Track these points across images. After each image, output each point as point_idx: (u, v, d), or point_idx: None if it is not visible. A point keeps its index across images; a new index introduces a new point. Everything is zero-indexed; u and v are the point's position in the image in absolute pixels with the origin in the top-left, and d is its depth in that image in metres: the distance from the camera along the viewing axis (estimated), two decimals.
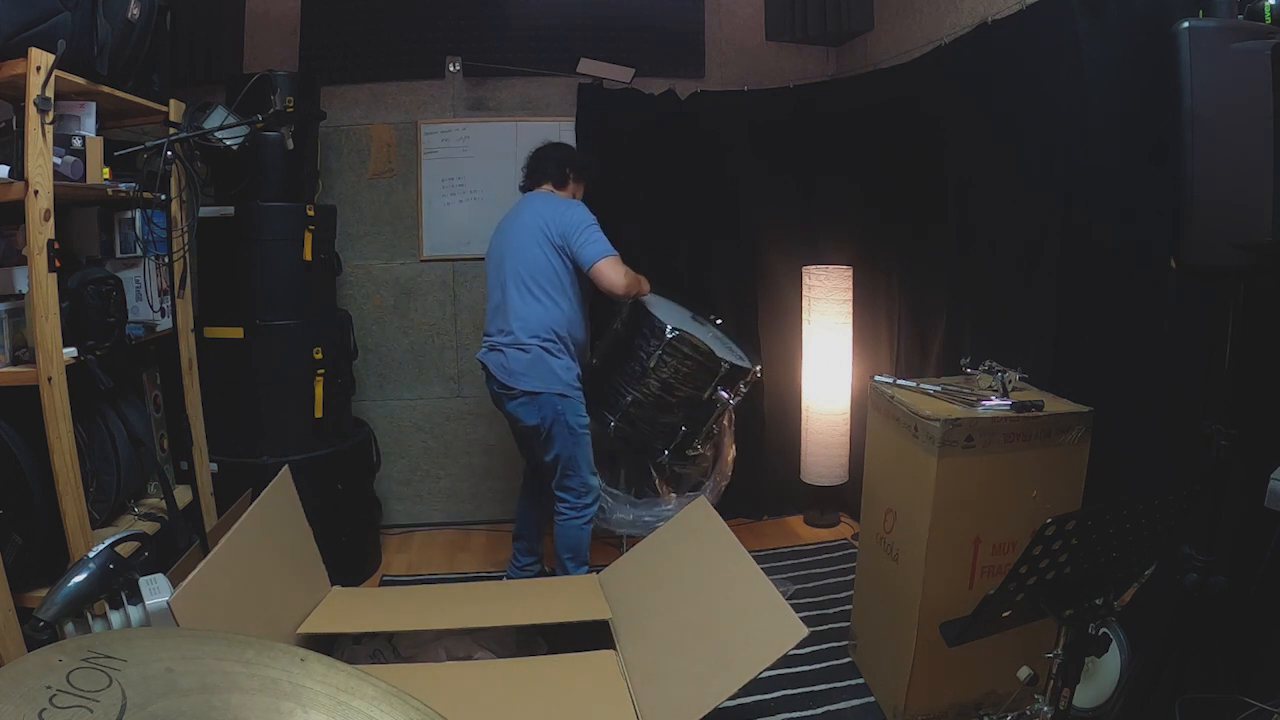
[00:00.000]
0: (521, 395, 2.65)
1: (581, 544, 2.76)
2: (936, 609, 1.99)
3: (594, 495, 2.77)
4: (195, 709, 0.72)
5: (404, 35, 3.40)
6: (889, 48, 3.24)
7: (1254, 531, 1.60)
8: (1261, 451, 1.54)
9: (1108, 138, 2.07)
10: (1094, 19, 2.09)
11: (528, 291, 2.65)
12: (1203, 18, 1.42)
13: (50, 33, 1.89)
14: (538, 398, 2.63)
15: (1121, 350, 2.08)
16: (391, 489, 3.66)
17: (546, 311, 2.64)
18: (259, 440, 2.88)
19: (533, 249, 2.65)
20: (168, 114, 2.48)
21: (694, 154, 3.50)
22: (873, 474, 2.40)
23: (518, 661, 2.24)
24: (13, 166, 1.87)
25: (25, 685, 0.66)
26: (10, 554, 1.94)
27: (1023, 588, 1.42)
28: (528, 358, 2.63)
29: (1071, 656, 1.51)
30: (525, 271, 2.66)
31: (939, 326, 2.87)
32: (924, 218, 2.94)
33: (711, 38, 3.62)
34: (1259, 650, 1.66)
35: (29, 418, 1.94)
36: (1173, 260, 1.47)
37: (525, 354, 2.63)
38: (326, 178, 3.43)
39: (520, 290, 2.66)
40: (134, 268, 2.41)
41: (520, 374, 2.64)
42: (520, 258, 2.67)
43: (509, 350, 2.65)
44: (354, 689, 0.82)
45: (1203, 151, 1.37)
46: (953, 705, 2.16)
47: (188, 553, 2.30)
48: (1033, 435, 2.03)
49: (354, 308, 3.46)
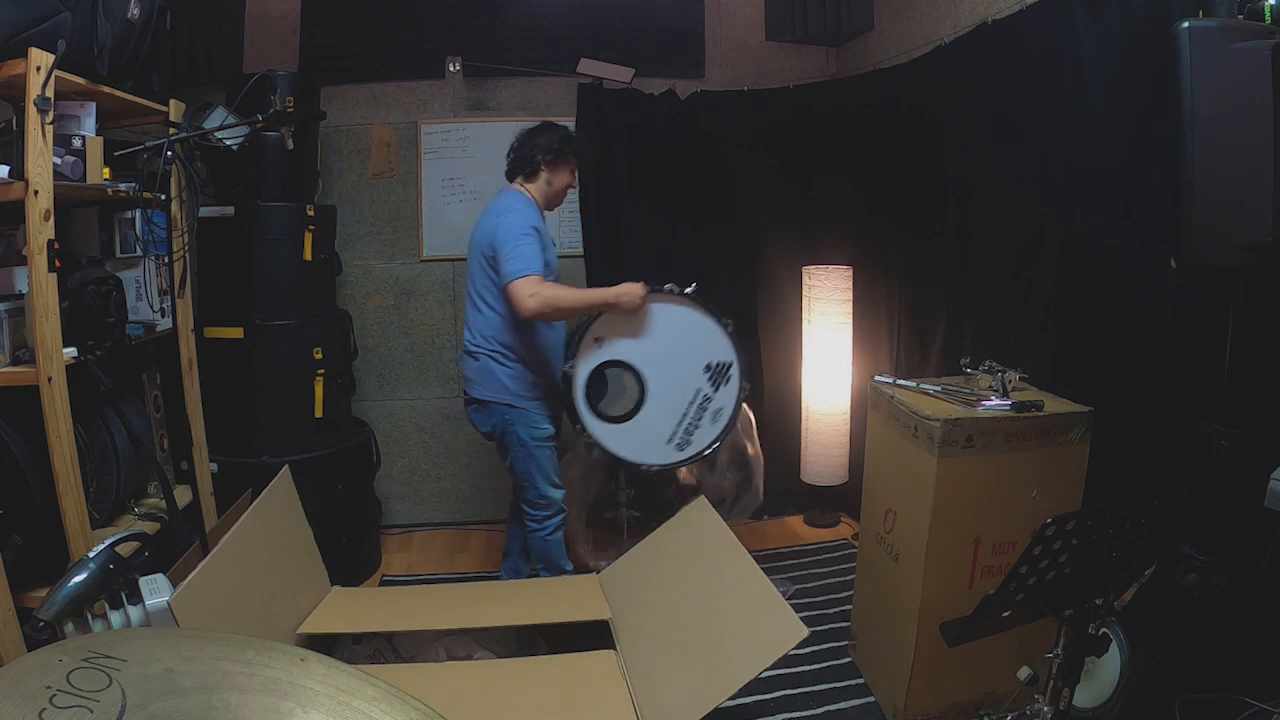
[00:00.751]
0: (474, 402, 2.62)
1: (550, 555, 2.68)
2: (936, 609, 2.00)
3: (554, 508, 2.63)
4: (195, 709, 0.72)
5: (404, 35, 3.40)
6: (889, 48, 3.24)
7: (1254, 531, 1.60)
8: (1261, 451, 1.54)
9: (1108, 138, 2.07)
10: (1094, 19, 2.09)
11: (475, 298, 2.60)
12: (1203, 18, 1.42)
13: (50, 33, 1.89)
14: (487, 406, 2.59)
15: (1121, 350, 2.08)
16: (391, 489, 3.66)
17: (488, 320, 2.55)
18: (259, 440, 2.88)
19: (475, 256, 2.58)
20: (168, 114, 2.48)
21: (694, 154, 3.50)
22: (873, 474, 2.40)
23: (518, 661, 2.24)
24: (13, 166, 1.88)
25: (25, 685, 0.66)
26: (10, 554, 1.94)
27: (1023, 588, 1.42)
28: (476, 365, 2.58)
29: (1071, 656, 1.51)
30: (471, 278, 2.62)
31: (939, 326, 2.87)
32: (924, 218, 2.94)
33: (711, 38, 3.62)
34: (1259, 650, 1.66)
35: (29, 418, 1.94)
36: (1173, 260, 1.47)
37: (475, 361, 2.59)
38: (326, 178, 3.43)
39: (470, 297, 2.62)
40: (134, 268, 2.41)
41: (471, 381, 2.62)
42: (470, 264, 2.62)
43: (465, 357, 2.64)
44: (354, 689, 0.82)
45: (1203, 152, 1.37)
46: (953, 705, 2.16)
47: (188, 553, 2.29)
48: (1033, 435, 2.03)
49: (354, 308, 3.46)
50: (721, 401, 2.65)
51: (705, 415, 2.65)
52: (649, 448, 2.65)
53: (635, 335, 2.61)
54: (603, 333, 2.59)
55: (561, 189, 2.65)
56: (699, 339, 2.65)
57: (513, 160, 2.66)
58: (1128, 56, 2.00)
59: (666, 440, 2.65)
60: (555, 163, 2.61)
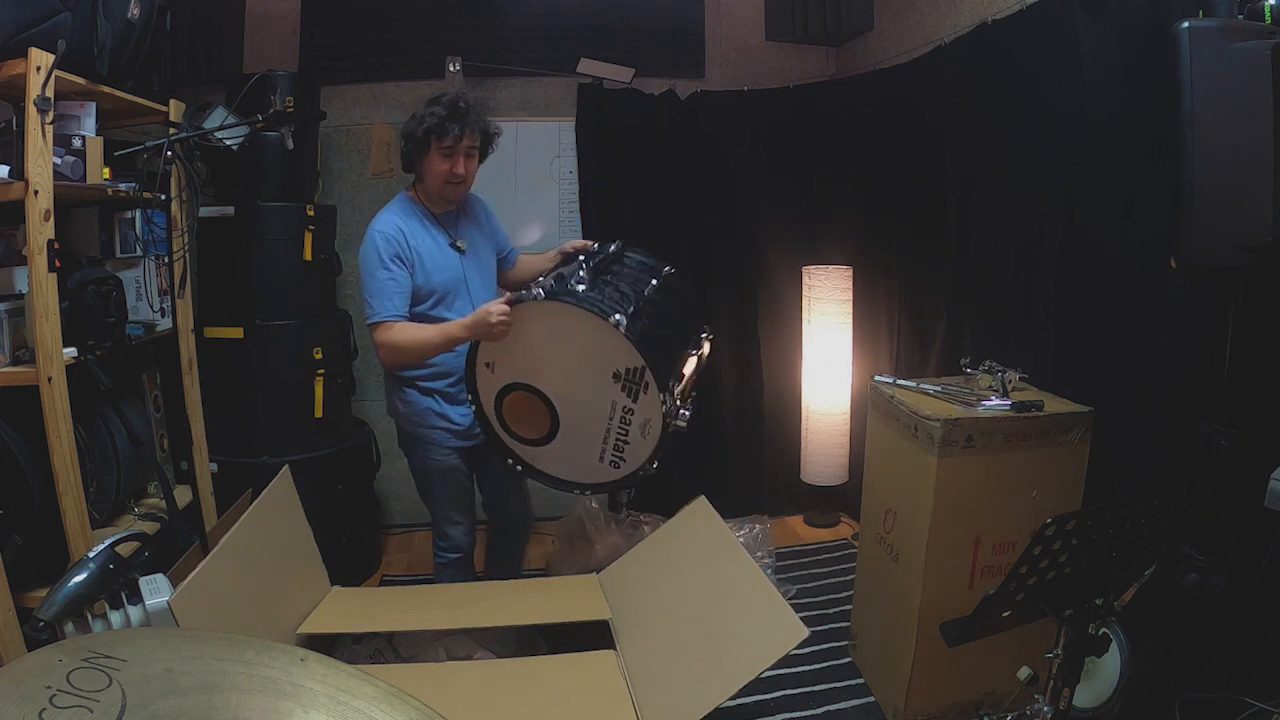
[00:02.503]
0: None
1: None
2: (936, 609, 1.99)
3: (450, 543, 2.42)
4: (195, 709, 0.72)
5: (404, 35, 3.40)
6: (889, 48, 3.24)
7: (1254, 531, 1.60)
8: (1261, 451, 1.54)
9: (1108, 137, 2.07)
10: (1094, 19, 2.09)
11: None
12: (1203, 18, 1.42)
13: (50, 33, 1.89)
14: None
15: (1121, 350, 2.08)
16: (391, 489, 3.66)
17: None
18: (259, 440, 2.88)
19: None
20: (168, 114, 2.48)
21: (694, 154, 3.50)
22: (873, 474, 2.40)
23: (518, 661, 2.24)
24: (13, 166, 1.88)
25: (25, 685, 0.66)
26: (10, 554, 1.94)
27: (1023, 588, 1.42)
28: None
29: (1071, 656, 1.51)
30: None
31: (939, 326, 2.87)
32: (924, 218, 2.94)
33: (711, 38, 3.62)
34: (1259, 650, 1.66)
35: (29, 418, 1.94)
36: (1173, 260, 1.47)
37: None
38: (326, 178, 3.42)
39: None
40: (134, 268, 2.41)
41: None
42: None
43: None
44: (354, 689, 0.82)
45: (1203, 152, 1.37)
46: (953, 705, 2.16)
47: (188, 553, 2.29)
48: (1033, 435, 2.03)
49: (354, 308, 3.46)
50: (646, 413, 2.14)
51: (632, 429, 2.18)
52: (587, 469, 2.29)
53: (527, 354, 2.15)
54: (491, 357, 2.19)
55: (437, 180, 2.20)
56: (599, 344, 2.08)
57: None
58: (1128, 56, 2.00)
59: (598, 459, 2.26)
60: (417, 155, 2.21)
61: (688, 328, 2.45)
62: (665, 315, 2.27)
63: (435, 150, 2.17)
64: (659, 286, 2.28)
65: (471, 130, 2.19)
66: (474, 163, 2.26)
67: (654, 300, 2.22)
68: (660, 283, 2.30)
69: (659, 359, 2.09)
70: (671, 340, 2.29)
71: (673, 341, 2.30)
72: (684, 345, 2.37)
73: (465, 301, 2.28)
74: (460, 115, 2.16)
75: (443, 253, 2.27)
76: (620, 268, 2.35)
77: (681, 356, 2.32)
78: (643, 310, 2.12)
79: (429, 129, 2.15)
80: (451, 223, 2.33)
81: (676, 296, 2.42)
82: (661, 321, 2.21)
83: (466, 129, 2.17)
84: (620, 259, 2.40)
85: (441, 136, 2.15)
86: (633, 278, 2.30)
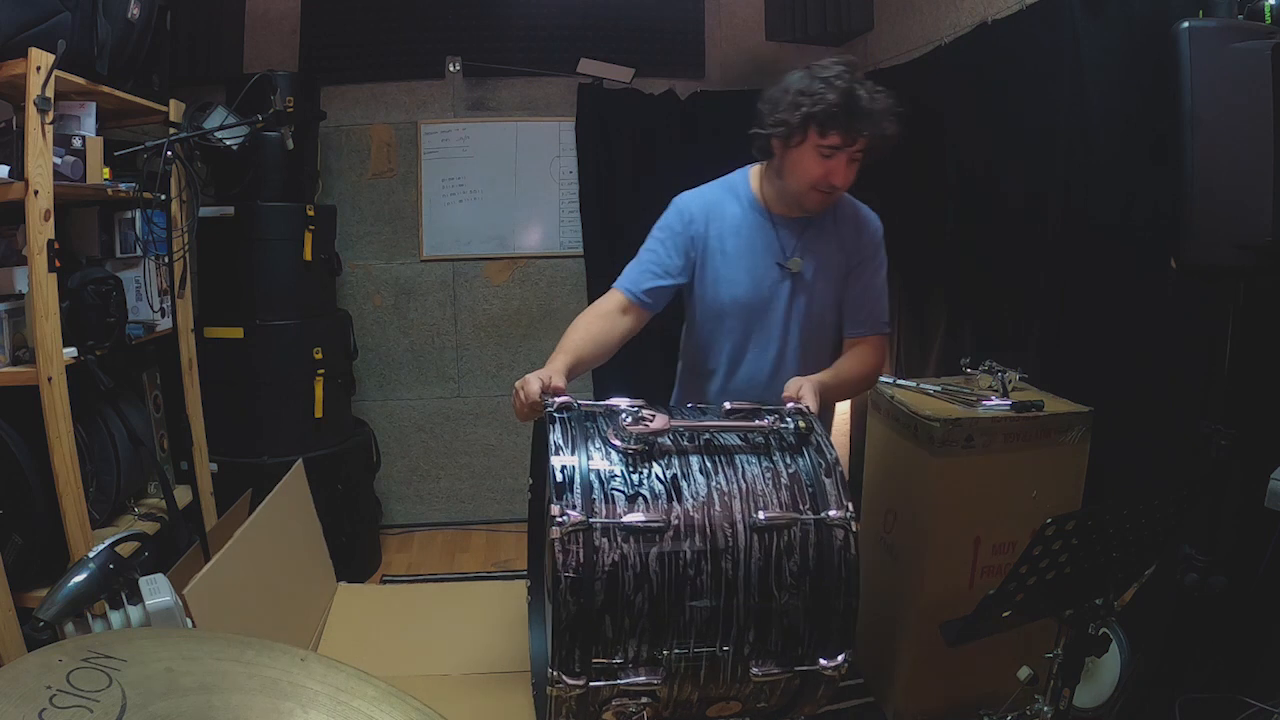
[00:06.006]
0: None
1: None
2: (936, 609, 1.99)
3: None
4: (195, 709, 0.72)
5: (404, 35, 3.40)
6: (889, 48, 3.23)
7: (1254, 531, 1.60)
8: (1261, 451, 1.54)
9: (1108, 138, 2.07)
10: (1094, 19, 2.09)
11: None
12: (1203, 18, 1.42)
13: (50, 33, 1.89)
14: None
15: (1121, 350, 2.08)
16: (391, 489, 3.66)
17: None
18: (259, 440, 2.88)
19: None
20: (168, 114, 2.48)
21: (694, 154, 3.49)
22: (873, 474, 2.40)
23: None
24: (13, 166, 1.87)
25: (25, 685, 0.66)
26: (10, 554, 1.94)
27: (1023, 588, 1.42)
28: None
29: (1071, 656, 1.51)
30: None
31: (939, 326, 2.87)
32: (924, 217, 2.93)
33: (711, 38, 3.61)
34: (1259, 650, 1.66)
35: (29, 418, 1.94)
36: (1173, 260, 1.47)
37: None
38: (326, 178, 3.42)
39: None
40: (134, 268, 2.41)
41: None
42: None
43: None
44: (354, 689, 0.82)
45: (1203, 151, 1.37)
46: (953, 705, 2.16)
47: (188, 553, 2.29)
48: (1033, 435, 2.02)
49: (354, 308, 3.46)
50: None
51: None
52: None
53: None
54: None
55: (801, 181, 1.68)
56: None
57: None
58: (1128, 56, 1.99)
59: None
60: (783, 137, 1.68)
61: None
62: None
63: (811, 144, 1.63)
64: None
65: (869, 134, 1.61)
66: (854, 171, 1.68)
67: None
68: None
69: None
70: None
71: None
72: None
73: (766, 337, 1.74)
74: (859, 112, 1.59)
75: (756, 264, 1.73)
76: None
77: None
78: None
79: (811, 116, 1.59)
80: (795, 231, 1.75)
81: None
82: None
83: (863, 131, 1.60)
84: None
85: (825, 131, 1.60)
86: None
